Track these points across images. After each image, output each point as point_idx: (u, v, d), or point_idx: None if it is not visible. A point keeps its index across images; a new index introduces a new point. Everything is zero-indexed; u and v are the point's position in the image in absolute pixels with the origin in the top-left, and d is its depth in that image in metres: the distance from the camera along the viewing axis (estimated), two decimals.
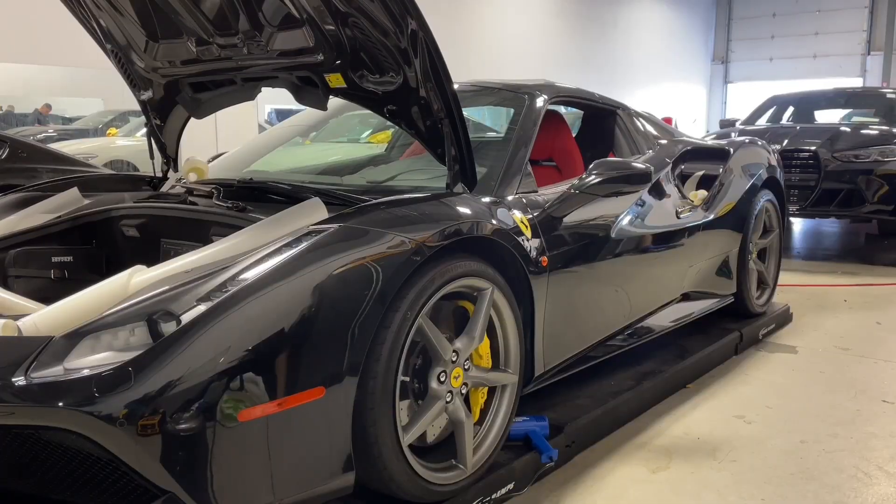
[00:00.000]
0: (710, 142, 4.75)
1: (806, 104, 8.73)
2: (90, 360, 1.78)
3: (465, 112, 2.64)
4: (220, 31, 2.67)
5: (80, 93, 11.93)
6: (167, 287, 1.95)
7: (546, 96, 3.29)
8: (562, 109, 4.44)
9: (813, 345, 4.36)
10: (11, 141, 4.01)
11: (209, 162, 3.53)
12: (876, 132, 7.25)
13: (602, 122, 3.97)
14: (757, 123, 8.33)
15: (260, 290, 1.87)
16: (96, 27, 2.97)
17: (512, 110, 3.37)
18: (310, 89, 2.76)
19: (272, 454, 1.85)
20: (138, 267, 2.27)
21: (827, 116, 8.99)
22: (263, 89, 2.99)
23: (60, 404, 1.70)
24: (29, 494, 1.95)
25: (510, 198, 2.74)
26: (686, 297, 3.86)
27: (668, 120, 7.79)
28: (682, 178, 4.15)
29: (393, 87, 2.51)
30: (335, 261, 2.00)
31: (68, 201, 3.04)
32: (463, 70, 3.93)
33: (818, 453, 2.94)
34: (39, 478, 1.87)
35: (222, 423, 1.76)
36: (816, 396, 3.55)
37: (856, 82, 18.46)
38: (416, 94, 2.47)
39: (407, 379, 2.26)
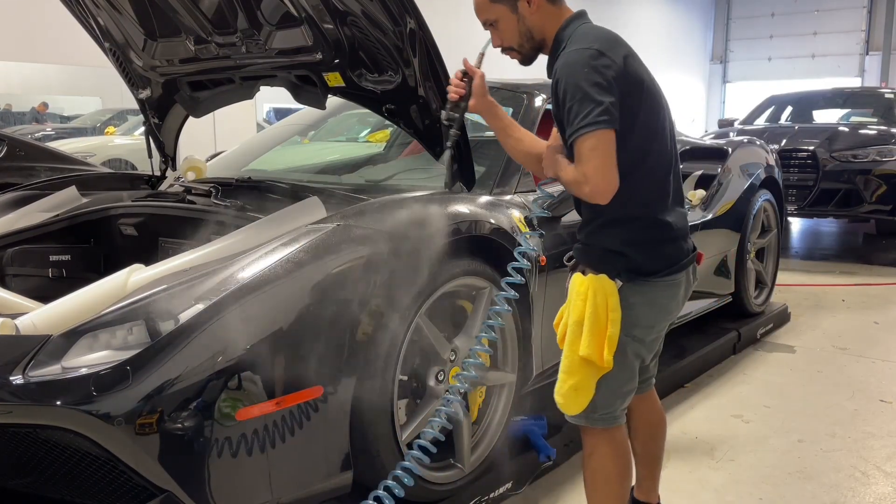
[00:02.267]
0: (708, 141, 4.74)
1: (804, 104, 8.72)
2: (88, 359, 1.78)
3: None
4: (219, 29, 2.66)
5: (78, 91, 11.93)
6: (165, 286, 1.94)
7: (545, 95, 3.29)
8: None
9: (811, 344, 4.36)
10: (9, 139, 3.98)
11: (207, 161, 3.53)
12: (874, 132, 7.25)
13: None
14: (755, 123, 8.33)
15: (258, 290, 1.87)
16: (94, 25, 2.97)
17: (510, 109, 3.36)
18: (308, 88, 2.76)
19: (270, 453, 1.84)
20: (136, 266, 2.27)
21: (825, 116, 8.97)
22: (262, 88, 2.98)
23: (58, 403, 1.70)
24: (27, 493, 1.94)
25: (508, 197, 2.73)
26: None
27: None
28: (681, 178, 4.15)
29: (392, 86, 2.51)
30: (333, 260, 2.00)
31: (66, 200, 3.04)
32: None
33: (816, 453, 2.95)
34: (37, 477, 1.87)
35: (220, 422, 1.76)
36: (814, 396, 3.55)
37: (854, 82, 18.42)
38: (415, 93, 2.46)
39: (405, 378, 2.26)
